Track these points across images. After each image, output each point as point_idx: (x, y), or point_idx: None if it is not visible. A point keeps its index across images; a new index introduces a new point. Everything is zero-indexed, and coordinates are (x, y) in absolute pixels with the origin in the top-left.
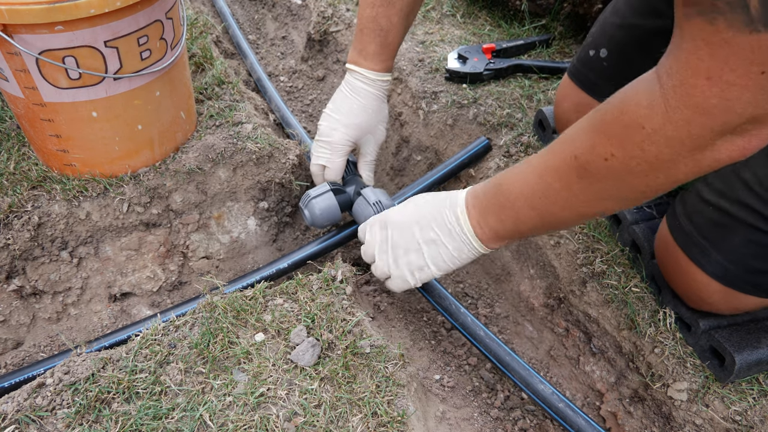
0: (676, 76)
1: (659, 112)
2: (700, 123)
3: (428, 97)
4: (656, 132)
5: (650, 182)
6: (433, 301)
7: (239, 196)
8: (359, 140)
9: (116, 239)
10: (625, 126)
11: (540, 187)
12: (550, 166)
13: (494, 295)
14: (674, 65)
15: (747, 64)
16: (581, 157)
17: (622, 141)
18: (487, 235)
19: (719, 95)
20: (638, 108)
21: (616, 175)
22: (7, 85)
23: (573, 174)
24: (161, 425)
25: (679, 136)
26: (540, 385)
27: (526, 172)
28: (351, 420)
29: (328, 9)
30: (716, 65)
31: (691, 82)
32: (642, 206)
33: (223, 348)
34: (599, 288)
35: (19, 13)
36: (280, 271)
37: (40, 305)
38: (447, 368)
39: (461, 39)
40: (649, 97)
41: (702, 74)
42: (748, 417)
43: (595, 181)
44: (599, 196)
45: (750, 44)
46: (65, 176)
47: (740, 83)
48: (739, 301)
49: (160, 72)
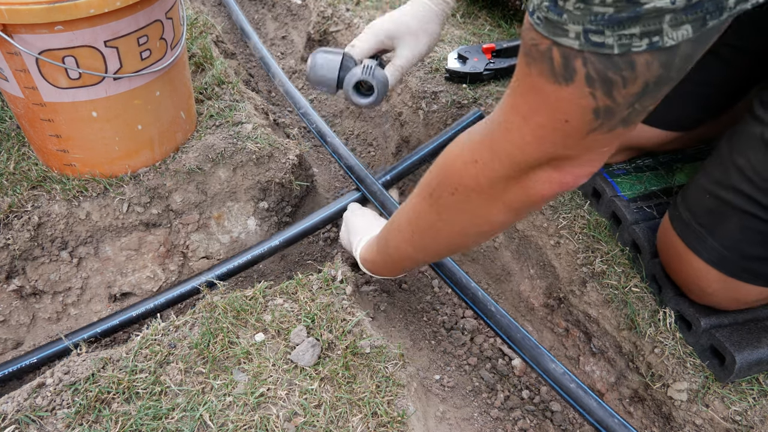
0: (502, 112)
1: (487, 147)
2: (519, 158)
3: (428, 97)
4: (486, 165)
5: (492, 210)
6: (443, 275)
7: (239, 196)
8: (397, 38)
9: (116, 239)
10: (464, 163)
11: (406, 224)
12: (414, 203)
13: (494, 295)
14: (503, 102)
15: (553, 111)
16: (434, 193)
17: (461, 176)
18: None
19: (532, 134)
20: (473, 144)
21: (461, 206)
22: (7, 85)
23: (431, 210)
24: (161, 425)
25: (503, 168)
26: (551, 364)
27: (400, 213)
28: (351, 420)
29: (327, 9)
30: (529, 107)
31: (510, 118)
32: (642, 206)
33: (223, 348)
34: (599, 288)
35: (19, 13)
36: (272, 249)
37: (40, 305)
38: (447, 368)
39: (461, 39)
40: (482, 133)
41: (519, 113)
42: (748, 417)
43: (448, 212)
44: (454, 227)
45: (555, 95)
46: (65, 176)
47: (549, 126)
48: (738, 292)
49: (160, 72)
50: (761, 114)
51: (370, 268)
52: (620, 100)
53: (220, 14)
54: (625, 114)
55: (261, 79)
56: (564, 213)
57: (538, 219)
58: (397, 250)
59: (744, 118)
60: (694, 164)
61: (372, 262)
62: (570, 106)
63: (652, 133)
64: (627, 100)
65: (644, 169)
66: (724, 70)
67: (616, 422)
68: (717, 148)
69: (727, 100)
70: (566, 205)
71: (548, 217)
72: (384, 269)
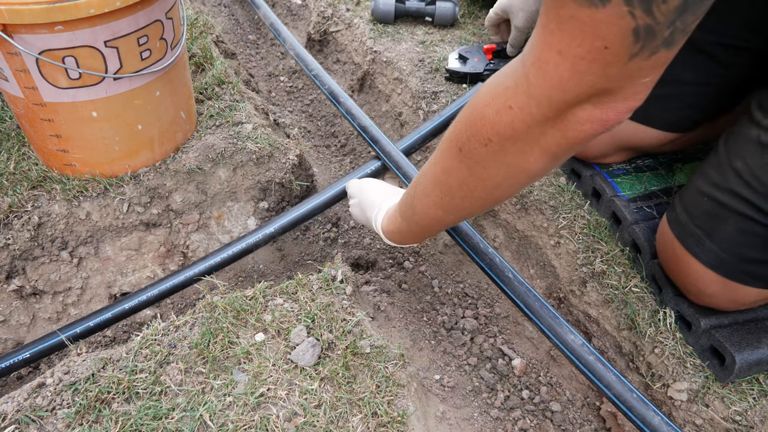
0: (534, 53)
1: (523, 91)
2: (558, 97)
3: (428, 97)
4: (522, 110)
5: (529, 158)
6: (459, 239)
7: (239, 196)
8: (509, 10)
9: (116, 239)
10: (497, 111)
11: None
12: (441, 162)
13: (494, 295)
14: (532, 41)
15: (591, 38)
16: (464, 148)
17: (494, 124)
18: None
19: (571, 69)
20: (506, 90)
21: (495, 157)
22: (7, 85)
23: (462, 166)
24: (161, 425)
25: (540, 111)
26: (569, 336)
27: (424, 175)
28: (351, 420)
29: (328, 9)
30: (565, 39)
31: (545, 57)
32: (642, 206)
33: (223, 348)
34: (599, 288)
35: (19, 13)
36: (267, 236)
37: (40, 305)
38: (447, 368)
39: (461, 39)
40: (514, 77)
41: (554, 48)
42: (748, 417)
43: (480, 166)
44: (488, 181)
45: (591, 19)
46: (65, 176)
47: (588, 57)
48: (737, 293)
49: (160, 72)
50: (759, 117)
51: (396, 239)
52: (660, 18)
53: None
54: (667, 34)
55: (261, 79)
56: (564, 213)
57: (538, 219)
58: (425, 216)
59: (741, 121)
60: (694, 164)
61: (398, 233)
62: (608, 29)
63: (650, 134)
64: (667, 18)
65: (644, 169)
66: (722, 72)
67: (634, 397)
68: (714, 150)
69: (726, 101)
70: (566, 205)
71: (548, 217)
72: (410, 237)
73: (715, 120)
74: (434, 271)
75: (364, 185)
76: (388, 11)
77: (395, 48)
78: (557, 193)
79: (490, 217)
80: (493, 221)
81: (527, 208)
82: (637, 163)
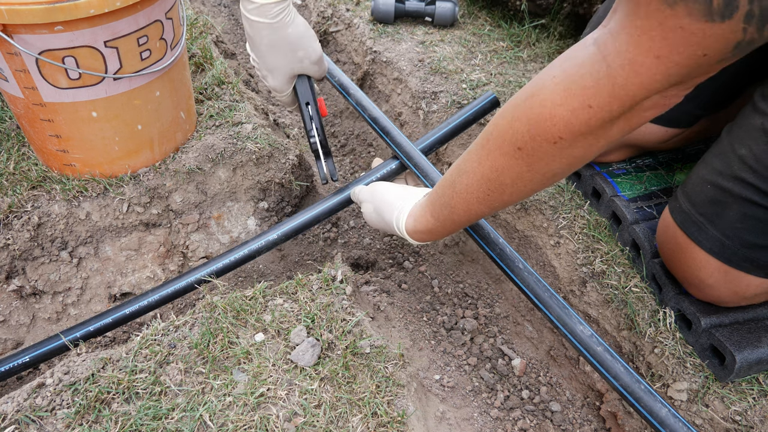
0: (625, 55)
1: (606, 91)
2: (641, 95)
3: (428, 97)
4: (602, 108)
5: (593, 149)
6: (469, 229)
7: (239, 196)
8: None
9: (116, 239)
10: (573, 110)
11: (479, 183)
12: (492, 161)
13: (494, 295)
14: (623, 44)
15: (694, 47)
16: (526, 147)
17: (568, 123)
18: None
19: (665, 72)
20: (584, 90)
21: (563, 152)
22: (6, 85)
23: (520, 164)
24: (161, 425)
25: (621, 108)
26: (578, 326)
27: (465, 174)
28: (351, 420)
29: (327, 9)
30: (667, 47)
31: (640, 60)
32: (642, 206)
33: (223, 348)
34: (599, 288)
35: (19, 13)
36: (270, 243)
37: (39, 305)
38: (447, 368)
39: (461, 39)
40: (594, 78)
41: (653, 53)
42: (748, 417)
43: (542, 162)
44: (546, 174)
45: (703, 32)
46: (65, 176)
47: (684, 63)
48: (739, 283)
49: (160, 72)
50: (763, 106)
51: (423, 238)
52: (766, 35)
53: (220, 14)
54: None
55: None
56: (564, 213)
57: (538, 219)
58: (465, 213)
59: (744, 111)
60: (694, 164)
61: (427, 232)
62: (716, 42)
63: (651, 129)
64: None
65: (644, 169)
66: (723, 67)
67: (642, 388)
68: (718, 140)
69: (726, 96)
70: (566, 205)
71: (548, 217)
72: (440, 235)
73: (716, 115)
74: (434, 271)
75: (376, 189)
76: (388, 11)
77: (395, 48)
78: (557, 193)
79: (489, 217)
80: (493, 221)
81: (527, 208)
82: (637, 163)
